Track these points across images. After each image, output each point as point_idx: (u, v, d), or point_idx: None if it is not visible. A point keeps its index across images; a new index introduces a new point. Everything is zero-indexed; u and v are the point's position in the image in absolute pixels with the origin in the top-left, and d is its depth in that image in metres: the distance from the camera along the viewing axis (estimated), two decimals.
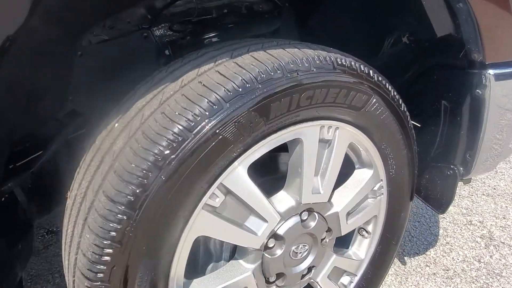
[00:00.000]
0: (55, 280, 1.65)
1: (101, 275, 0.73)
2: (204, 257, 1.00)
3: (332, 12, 1.42)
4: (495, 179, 2.38)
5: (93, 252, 0.72)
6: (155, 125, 0.74)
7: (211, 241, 0.99)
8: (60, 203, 1.41)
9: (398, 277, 1.66)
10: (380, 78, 1.02)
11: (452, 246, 1.84)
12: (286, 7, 1.46)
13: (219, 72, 0.80)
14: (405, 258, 1.77)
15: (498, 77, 1.02)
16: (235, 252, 1.00)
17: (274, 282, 1.05)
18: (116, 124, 0.84)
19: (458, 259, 1.75)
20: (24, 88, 1.11)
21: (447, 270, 1.69)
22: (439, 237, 1.90)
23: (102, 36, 1.27)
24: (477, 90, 1.05)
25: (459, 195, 2.23)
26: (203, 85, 0.78)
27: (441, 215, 2.07)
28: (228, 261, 0.99)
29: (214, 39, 1.23)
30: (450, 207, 2.13)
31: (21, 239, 1.15)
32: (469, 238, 1.89)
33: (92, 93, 1.34)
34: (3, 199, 1.17)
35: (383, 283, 1.62)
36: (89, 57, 1.26)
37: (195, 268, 1.00)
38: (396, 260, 1.75)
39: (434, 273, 1.68)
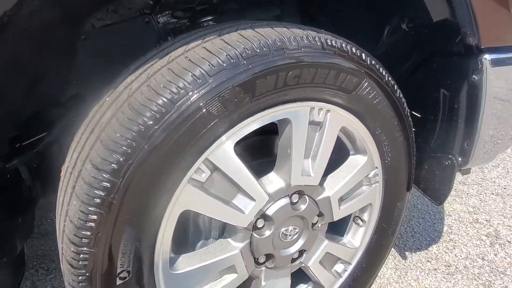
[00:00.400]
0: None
1: (86, 240, 0.75)
2: (193, 234, 1.02)
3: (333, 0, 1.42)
4: (506, 179, 2.32)
5: (78, 218, 0.75)
6: (141, 97, 0.77)
7: (200, 218, 1.01)
8: None
9: (397, 271, 1.64)
10: (373, 62, 1.01)
11: (455, 243, 1.80)
12: None
13: (205, 48, 0.81)
14: (406, 253, 1.74)
15: (495, 63, 1.00)
16: (224, 230, 1.02)
17: (263, 263, 1.06)
18: (107, 98, 0.86)
19: (461, 256, 1.72)
20: (28, 70, 1.16)
21: (449, 266, 1.66)
22: (443, 234, 1.87)
23: (105, 21, 1.31)
24: (473, 76, 1.03)
25: (467, 194, 2.19)
26: (189, 60, 0.79)
27: (447, 213, 2.03)
28: (217, 239, 1.01)
29: (210, 23, 1.24)
30: (457, 205, 2.10)
31: (22, 213, 1.19)
32: (474, 236, 1.85)
33: (96, 77, 1.38)
34: (8, 175, 1.22)
35: (381, 276, 1.61)
36: (93, 41, 1.30)
37: (185, 245, 1.01)
38: (396, 254, 1.73)
39: (435, 269, 1.65)
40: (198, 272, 0.94)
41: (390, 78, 1.07)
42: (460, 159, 1.21)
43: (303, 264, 1.16)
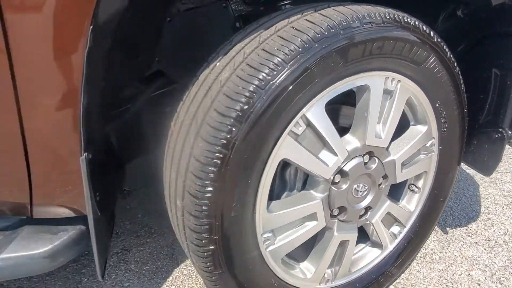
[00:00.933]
0: (126, 227, 1.86)
1: (212, 175, 0.91)
2: (278, 187, 1.16)
3: None
4: None
5: (206, 157, 0.90)
6: (258, 58, 0.92)
7: (287, 172, 1.16)
8: (138, 155, 1.63)
9: (440, 243, 1.76)
10: (439, 39, 1.16)
11: (493, 221, 1.92)
12: None
13: (307, 20, 0.97)
14: (447, 228, 1.86)
15: None
16: (305, 184, 1.16)
17: (337, 215, 1.20)
18: (218, 63, 1.02)
19: (499, 232, 1.83)
20: (127, 42, 1.32)
21: (489, 241, 1.78)
22: (481, 214, 1.98)
23: (188, 5, 1.47)
24: None
25: (501, 180, 2.30)
26: (295, 29, 0.95)
27: (483, 196, 2.15)
28: (300, 191, 1.16)
29: (288, 6, 1.39)
30: (492, 190, 2.21)
31: (121, 168, 1.36)
32: (511, 216, 1.96)
33: (176, 56, 1.54)
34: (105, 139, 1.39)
35: (425, 247, 1.74)
36: (176, 23, 1.46)
37: (271, 195, 1.16)
38: (438, 230, 1.85)
39: (476, 242, 1.77)
40: (287, 216, 1.09)
41: (451, 55, 1.21)
42: (510, 132, 1.33)
43: (367, 221, 1.30)
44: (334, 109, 1.28)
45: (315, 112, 1.00)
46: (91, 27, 0.80)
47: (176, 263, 1.65)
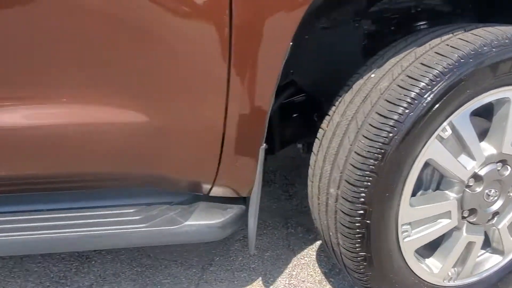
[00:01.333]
0: None
1: (372, 167, 1.08)
2: (415, 184, 1.29)
3: None
4: None
5: (368, 151, 1.08)
6: (417, 71, 1.08)
7: (424, 172, 1.28)
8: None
9: None
10: None
11: None
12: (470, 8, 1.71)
13: (460, 39, 1.11)
14: None
15: None
16: (439, 186, 1.28)
17: (466, 217, 1.30)
18: (373, 75, 1.20)
19: None
20: None
21: None
22: None
23: (325, 25, 1.67)
24: None
25: None
26: (451, 46, 1.10)
27: None
28: (434, 191, 1.28)
29: (423, 26, 1.53)
30: None
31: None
32: None
33: (308, 68, 1.75)
34: None
35: None
36: (311, 40, 1.67)
37: None
38: None
39: None
40: (425, 211, 1.22)
41: None
42: None
43: (493, 227, 1.38)
44: None
45: (461, 119, 1.14)
46: (291, 43, 1.02)
47: (294, 253, 1.84)
